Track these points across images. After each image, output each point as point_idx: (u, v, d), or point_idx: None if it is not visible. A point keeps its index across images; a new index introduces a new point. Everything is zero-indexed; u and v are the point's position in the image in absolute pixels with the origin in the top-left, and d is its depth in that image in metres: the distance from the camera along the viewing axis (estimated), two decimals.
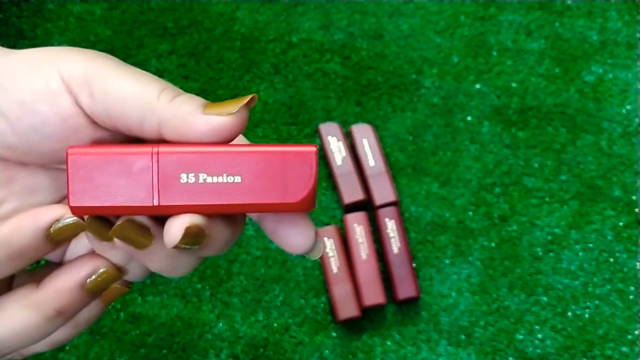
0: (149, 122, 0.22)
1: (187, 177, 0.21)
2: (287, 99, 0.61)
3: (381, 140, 0.59)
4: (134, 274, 0.25)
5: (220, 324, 0.54)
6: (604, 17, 0.63)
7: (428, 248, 0.56)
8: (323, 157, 0.58)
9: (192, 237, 0.21)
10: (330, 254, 0.54)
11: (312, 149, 0.22)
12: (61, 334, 0.25)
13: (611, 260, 0.56)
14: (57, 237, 0.23)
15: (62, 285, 0.23)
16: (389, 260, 0.55)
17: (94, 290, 0.24)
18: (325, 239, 0.55)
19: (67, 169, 0.21)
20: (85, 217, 0.23)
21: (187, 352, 0.54)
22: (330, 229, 0.55)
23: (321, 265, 0.55)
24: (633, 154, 0.59)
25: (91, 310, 0.25)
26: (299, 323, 0.54)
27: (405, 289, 0.54)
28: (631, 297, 0.55)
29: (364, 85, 0.61)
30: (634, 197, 0.58)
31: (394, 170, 0.59)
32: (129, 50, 0.63)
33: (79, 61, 0.22)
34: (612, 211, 0.57)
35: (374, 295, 0.53)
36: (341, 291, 0.53)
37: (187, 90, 0.65)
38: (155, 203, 0.21)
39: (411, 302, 0.55)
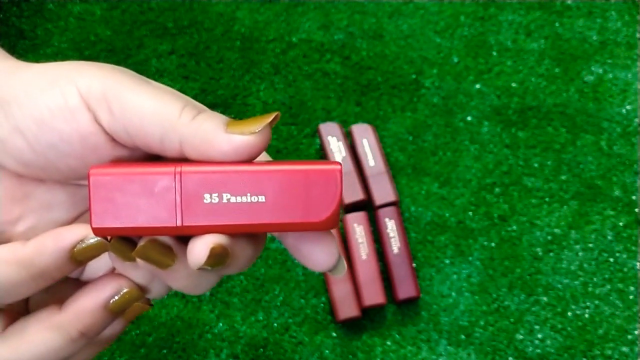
0: (170, 140, 0.21)
1: (211, 197, 0.21)
2: (287, 99, 0.61)
3: (381, 140, 0.59)
4: (155, 292, 0.25)
5: (220, 324, 0.54)
6: (604, 17, 0.63)
7: (428, 248, 0.56)
8: (323, 158, 0.58)
9: (217, 257, 0.21)
10: None
11: (337, 167, 0.21)
12: (83, 354, 0.25)
13: (611, 260, 0.56)
14: (80, 257, 0.22)
15: (85, 307, 0.23)
16: (389, 260, 0.55)
17: (117, 310, 0.24)
18: None
19: (88, 190, 0.21)
20: (108, 236, 0.22)
21: (187, 352, 0.54)
22: None
23: None
24: (633, 154, 0.59)
25: (112, 329, 0.25)
26: (299, 323, 0.54)
27: (405, 289, 0.54)
28: (631, 297, 0.55)
29: (364, 85, 0.61)
30: (634, 197, 0.58)
31: (394, 170, 0.59)
32: (129, 50, 0.63)
33: (97, 76, 0.22)
34: (612, 211, 0.57)
35: (374, 295, 0.53)
36: (341, 291, 0.53)
37: (187, 90, 0.65)
38: (179, 223, 0.21)
39: (411, 302, 0.55)
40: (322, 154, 0.59)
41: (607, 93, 0.61)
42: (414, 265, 0.56)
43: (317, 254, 0.23)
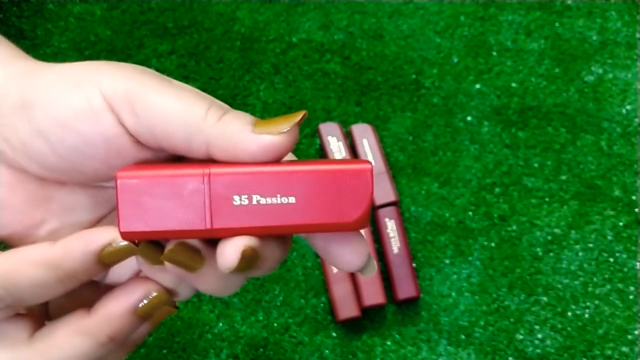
0: (196, 142, 0.21)
1: (240, 199, 0.21)
2: (287, 99, 0.61)
3: (381, 140, 0.59)
4: (183, 294, 0.24)
5: (220, 324, 0.54)
6: (604, 17, 0.63)
7: (428, 248, 0.56)
8: (323, 158, 0.58)
9: (248, 260, 0.20)
10: None
11: (368, 166, 0.21)
12: (110, 358, 0.25)
13: (611, 260, 0.56)
14: (108, 260, 0.22)
15: (114, 311, 0.23)
16: (389, 260, 0.55)
17: (145, 314, 0.23)
18: None
19: (116, 193, 0.21)
20: (136, 240, 0.22)
21: (187, 352, 0.54)
22: None
23: (321, 265, 0.55)
24: (633, 154, 0.59)
25: (139, 332, 0.25)
26: (299, 323, 0.54)
27: (405, 289, 0.54)
28: (631, 297, 0.55)
29: (364, 85, 0.61)
30: (634, 197, 0.58)
31: (394, 170, 0.59)
32: (129, 50, 0.63)
33: (120, 78, 0.21)
34: (612, 211, 0.57)
35: (374, 295, 0.53)
36: (341, 291, 0.53)
37: None
38: (208, 226, 0.21)
39: (411, 302, 0.55)
40: (321, 154, 0.59)
41: (607, 93, 0.61)
42: (414, 265, 0.56)
43: (347, 255, 0.22)
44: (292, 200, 0.21)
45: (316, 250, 0.23)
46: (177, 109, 0.21)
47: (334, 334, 0.54)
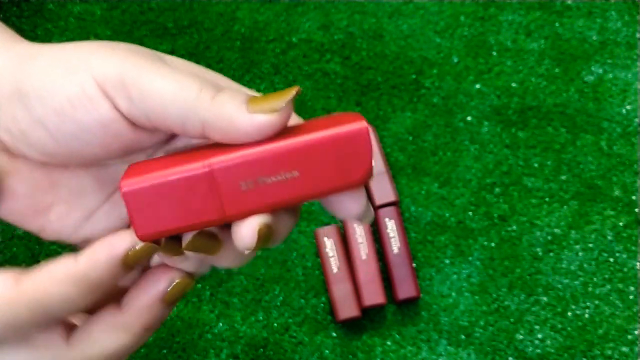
0: (191, 123, 0.21)
1: (247, 184, 0.21)
2: None
3: (381, 140, 0.59)
4: (201, 272, 0.25)
5: (220, 324, 0.54)
6: (604, 17, 0.63)
7: (428, 248, 0.56)
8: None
9: (264, 237, 0.21)
10: (330, 254, 0.54)
11: (363, 124, 0.21)
12: (142, 342, 0.26)
13: (611, 260, 0.56)
14: (133, 262, 0.23)
15: (145, 304, 0.24)
16: (389, 260, 0.55)
17: (172, 300, 0.24)
18: (325, 238, 0.55)
19: (125, 203, 0.21)
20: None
21: (187, 352, 0.54)
22: (330, 228, 0.55)
23: (321, 265, 0.55)
24: (633, 154, 0.59)
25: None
26: (299, 323, 0.54)
27: (405, 289, 0.54)
28: (631, 297, 0.55)
29: (364, 85, 0.61)
30: (634, 197, 0.58)
31: (394, 170, 0.59)
32: None
33: (113, 61, 0.22)
34: (612, 211, 0.57)
35: (374, 295, 0.53)
36: (341, 291, 0.53)
37: None
38: (221, 214, 0.21)
39: (411, 302, 0.55)
40: None
41: (607, 93, 0.61)
42: (414, 265, 0.56)
43: (347, 204, 0.23)
44: (295, 174, 0.21)
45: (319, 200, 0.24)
46: (170, 91, 0.21)
47: (334, 334, 0.54)
